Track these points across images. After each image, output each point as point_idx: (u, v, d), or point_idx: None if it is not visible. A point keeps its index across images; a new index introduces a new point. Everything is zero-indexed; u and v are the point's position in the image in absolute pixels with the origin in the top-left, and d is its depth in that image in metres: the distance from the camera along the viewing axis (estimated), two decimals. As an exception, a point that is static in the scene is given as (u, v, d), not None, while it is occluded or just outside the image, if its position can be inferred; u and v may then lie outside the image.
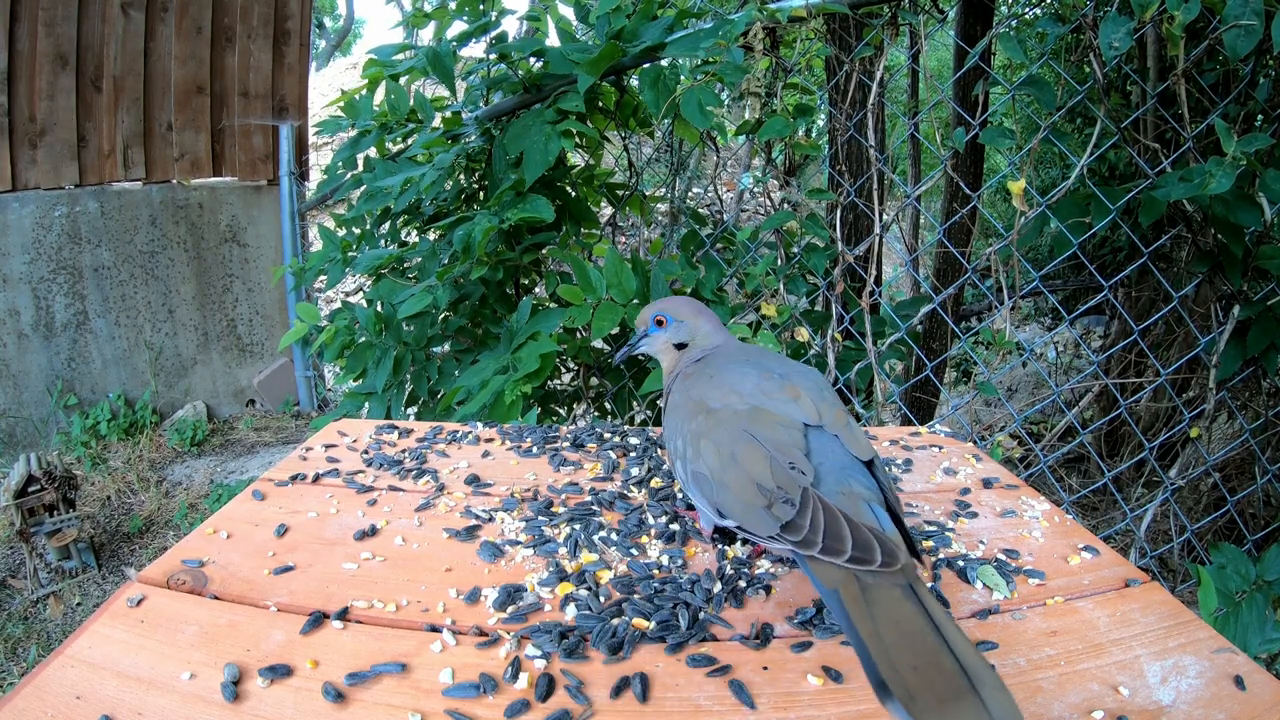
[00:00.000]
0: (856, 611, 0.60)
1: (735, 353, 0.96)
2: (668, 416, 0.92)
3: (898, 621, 0.59)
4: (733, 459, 0.76)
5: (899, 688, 0.54)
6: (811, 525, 0.67)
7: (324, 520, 0.94)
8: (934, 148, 2.43)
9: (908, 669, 0.55)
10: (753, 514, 0.72)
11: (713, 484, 0.77)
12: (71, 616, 2.87)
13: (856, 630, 0.59)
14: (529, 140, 2.00)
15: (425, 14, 2.35)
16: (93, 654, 0.68)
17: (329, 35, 15.98)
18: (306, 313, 2.26)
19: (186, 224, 4.36)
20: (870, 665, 0.56)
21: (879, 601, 0.61)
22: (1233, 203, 1.60)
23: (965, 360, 4.09)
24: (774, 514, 0.70)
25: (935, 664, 0.55)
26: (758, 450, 0.75)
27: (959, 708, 0.52)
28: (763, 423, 0.78)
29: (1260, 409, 2.16)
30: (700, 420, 0.83)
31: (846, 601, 0.62)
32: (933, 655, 0.56)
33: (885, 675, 0.55)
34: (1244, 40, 1.43)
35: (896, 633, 0.58)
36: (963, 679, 0.54)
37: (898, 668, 0.55)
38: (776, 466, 0.74)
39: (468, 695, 0.63)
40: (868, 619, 0.59)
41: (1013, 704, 0.53)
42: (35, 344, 4.08)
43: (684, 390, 0.90)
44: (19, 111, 3.79)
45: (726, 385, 0.85)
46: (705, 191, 5.48)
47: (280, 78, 4.43)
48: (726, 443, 0.78)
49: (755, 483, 0.73)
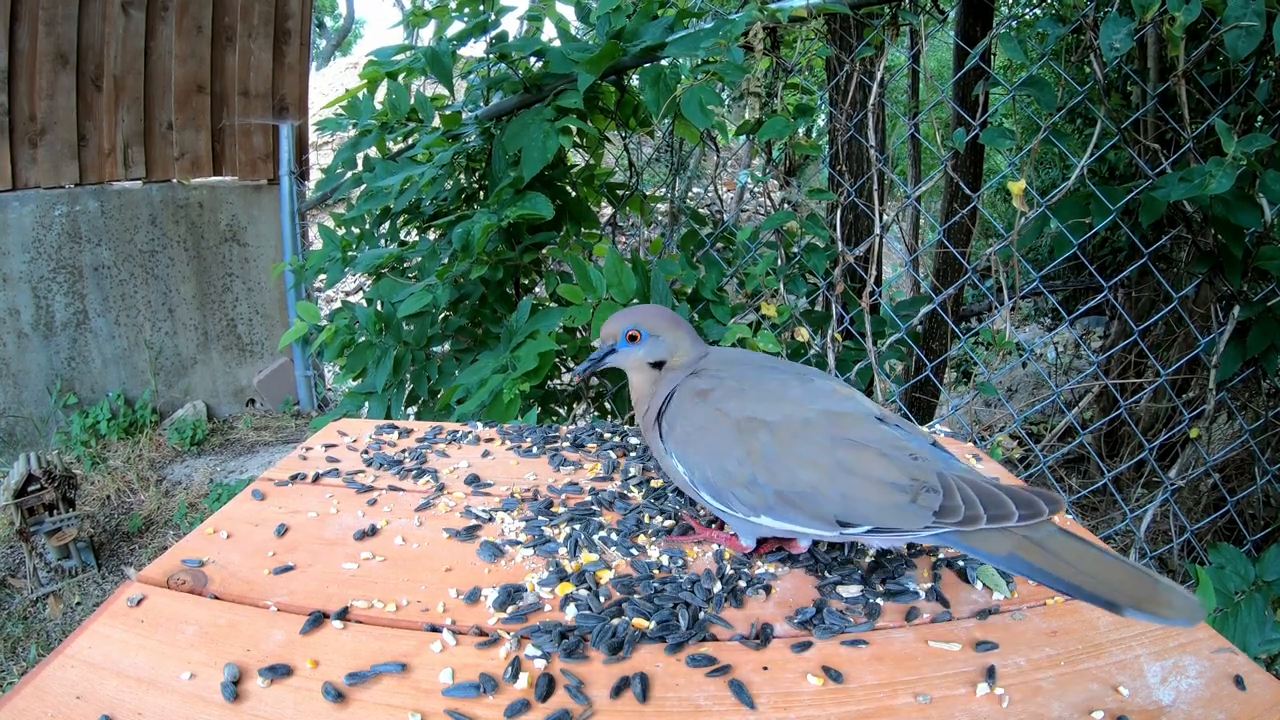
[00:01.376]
0: (1047, 562, 0.67)
1: (736, 360, 0.91)
2: (685, 445, 0.83)
3: (1080, 556, 0.67)
4: (841, 467, 0.74)
5: (1124, 599, 0.64)
6: (966, 503, 0.70)
7: (324, 520, 0.94)
8: (934, 148, 2.43)
9: (1118, 585, 0.65)
10: (895, 512, 0.72)
11: (821, 498, 0.74)
12: (71, 616, 2.87)
13: (1057, 575, 0.67)
14: (527, 137, 2.00)
15: (425, 13, 2.35)
16: (93, 654, 0.68)
17: (329, 35, 15.98)
18: (306, 312, 2.26)
19: (186, 223, 4.35)
20: (1090, 596, 0.65)
21: (1054, 548, 0.68)
22: (1233, 203, 1.60)
23: (965, 360, 4.09)
24: (921, 504, 0.71)
25: (1126, 574, 0.65)
26: (867, 452, 0.74)
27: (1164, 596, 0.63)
28: (848, 425, 0.77)
29: (1260, 409, 2.16)
30: (764, 438, 0.78)
31: (1031, 559, 0.68)
32: (1120, 569, 0.66)
33: (1110, 597, 0.64)
34: (1245, 41, 1.43)
35: (1088, 564, 0.66)
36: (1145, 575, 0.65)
37: (1112, 586, 0.65)
38: (900, 462, 0.73)
39: (468, 695, 0.63)
40: (1061, 563, 0.67)
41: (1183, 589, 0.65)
42: (35, 343, 4.08)
43: (706, 410, 0.82)
44: (19, 110, 3.79)
45: (772, 395, 0.81)
46: (705, 191, 5.48)
47: (280, 77, 4.43)
48: (823, 453, 0.75)
49: (887, 483, 0.73)
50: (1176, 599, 0.63)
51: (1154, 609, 0.63)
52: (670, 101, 1.90)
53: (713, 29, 1.90)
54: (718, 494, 0.80)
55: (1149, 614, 0.63)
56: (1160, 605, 0.63)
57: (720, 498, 0.80)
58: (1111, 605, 0.64)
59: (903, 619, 0.75)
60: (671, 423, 0.85)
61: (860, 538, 0.75)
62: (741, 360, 0.91)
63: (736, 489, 0.79)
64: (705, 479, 0.81)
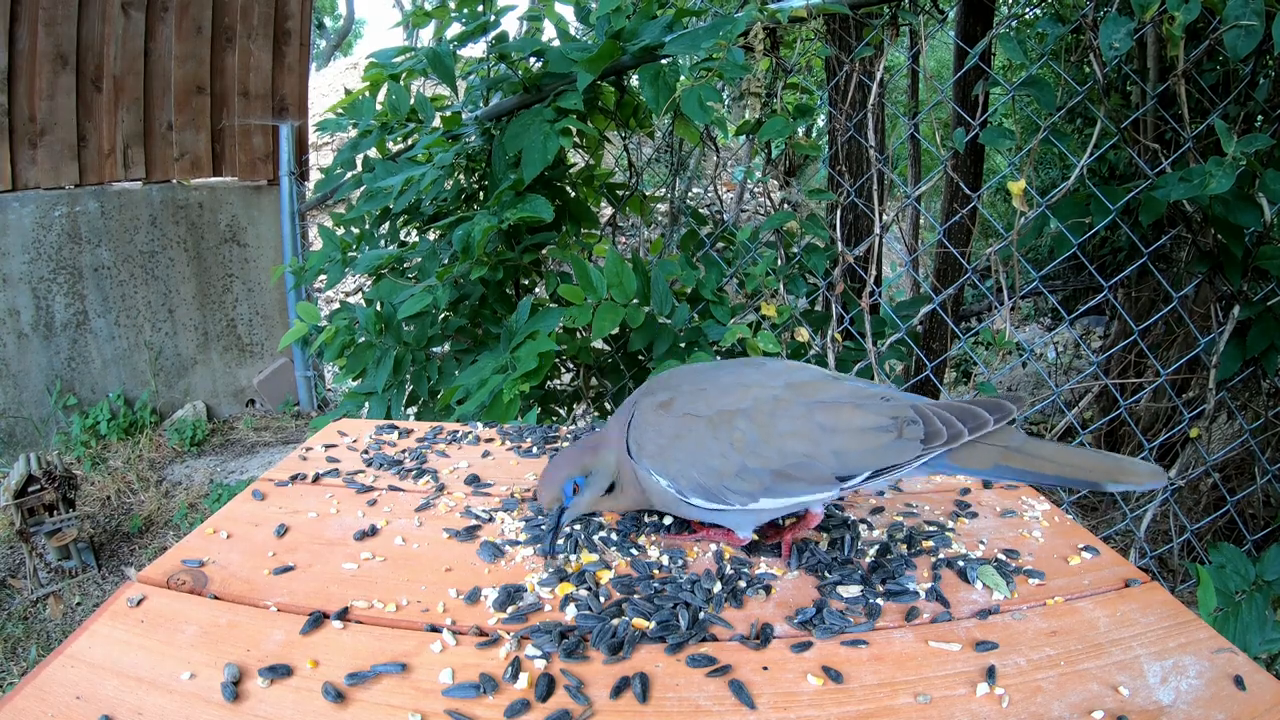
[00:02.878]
0: (1029, 463, 0.75)
1: (679, 373, 0.89)
2: (660, 457, 0.81)
3: (1055, 452, 0.76)
4: (824, 429, 0.77)
5: (1104, 478, 0.73)
6: (946, 424, 0.76)
7: (324, 520, 0.94)
8: (934, 148, 2.43)
9: (1094, 468, 0.74)
10: (887, 451, 0.76)
11: (817, 463, 0.77)
12: (71, 616, 2.87)
13: (1042, 473, 0.75)
14: (527, 139, 2.00)
15: (425, 13, 2.35)
16: (93, 654, 0.68)
17: (329, 35, 15.98)
18: (306, 313, 2.26)
19: (186, 224, 4.35)
20: (1075, 482, 0.75)
21: (1031, 450, 0.76)
22: (1233, 203, 1.60)
23: (965, 360, 4.09)
24: (908, 436, 0.76)
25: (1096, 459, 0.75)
26: (843, 408, 0.78)
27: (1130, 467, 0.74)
28: (814, 390, 0.80)
29: (1260, 409, 2.16)
30: (744, 425, 0.78)
31: (1015, 465, 0.76)
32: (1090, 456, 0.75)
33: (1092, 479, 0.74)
34: (1244, 40, 1.43)
35: (1064, 457, 0.75)
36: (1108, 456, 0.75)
37: (1090, 470, 0.74)
38: (875, 407, 0.78)
39: (468, 695, 0.63)
40: (1042, 461, 0.75)
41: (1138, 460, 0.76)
42: (35, 344, 4.08)
43: (673, 419, 0.81)
44: (19, 111, 3.79)
45: (734, 386, 0.82)
46: (705, 191, 5.48)
47: (280, 78, 4.43)
48: (804, 423, 0.77)
49: (870, 429, 0.77)
50: (1141, 468, 0.74)
51: (1128, 479, 0.73)
52: (670, 102, 1.90)
53: (712, 28, 1.90)
54: (710, 494, 0.80)
55: (1126, 484, 0.73)
56: (1130, 475, 0.73)
57: (714, 497, 0.80)
58: (1096, 486, 0.74)
59: (903, 619, 0.75)
60: (640, 442, 0.83)
61: (862, 486, 0.78)
62: (685, 371, 0.90)
63: (728, 481, 0.79)
64: (694, 483, 0.80)
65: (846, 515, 0.95)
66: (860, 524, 0.93)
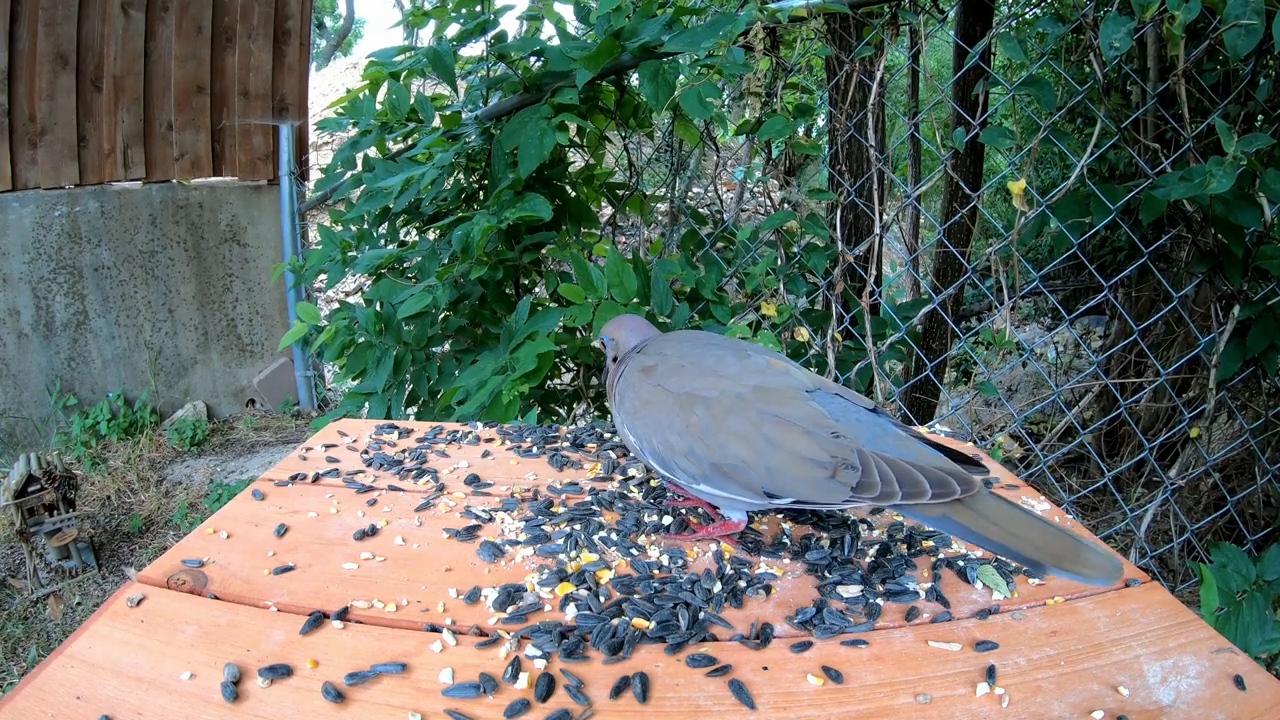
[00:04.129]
0: (976, 524, 0.73)
1: (679, 338, 0.97)
2: (633, 417, 0.90)
3: (1008, 519, 0.73)
4: (768, 442, 0.79)
5: (1047, 558, 0.70)
6: (883, 480, 0.75)
7: (324, 520, 0.94)
8: (934, 148, 2.43)
9: (1041, 545, 0.70)
10: (816, 487, 0.76)
11: (751, 470, 0.79)
12: (71, 616, 2.87)
13: (986, 536, 0.72)
14: (524, 135, 2.00)
15: (424, 13, 2.35)
16: (93, 654, 0.68)
17: (329, 35, 15.98)
18: (306, 312, 2.26)
19: (186, 224, 4.35)
20: (1017, 554, 0.71)
21: (984, 511, 0.74)
22: (1233, 203, 1.60)
23: (965, 360, 4.09)
24: (841, 480, 0.75)
25: (1051, 536, 0.71)
26: (793, 429, 0.78)
27: (1085, 556, 0.70)
28: (778, 401, 0.81)
29: (1260, 409, 2.16)
30: (701, 413, 0.83)
31: (962, 521, 0.74)
32: (1045, 532, 0.71)
33: (1033, 556, 0.70)
34: (1244, 40, 1.43)
35: (1015, 526, 0.72)
36: (1071, 538, 0.71)
37: (1036, 546, 0.71)
38: (821, 438, 0.78)
39: (468, 695, 0.63)
40: (990, 525, 0.73)
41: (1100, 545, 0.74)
42: (35, 344, 4.08)
43: (650, 386, 0.88)
44: (19, 111, 3.79)
45: (709, 371, 0.86)
46: (705, 191, 5.47)
47: (280, 77, 4.42)
48: (752, 428, 0.80)
49: (808, 459, 0.77)
50: (1097, 559, 0.69)
51: (1074, 568, 0.69)
52: (670, 101, 1.90)
53: (712, 25, 1.90)
54: (664, 463, 0.86)
55: (1070, 572, 0.69)
56: (1081, 564, 0.69)
57: (666, 466, 0.86)
58: (1035, 564, 0.70)
59: (903, 619, 0.75)
60: (623, 396, 0.92)
61: (786, 508, 0.80)
62: (684, 338, 0.97)
63: (678, 459, 0.84)
64: (652, 449, 0.87)
65: (847, 515, 0.95)
66: (860, 524, 0.93)
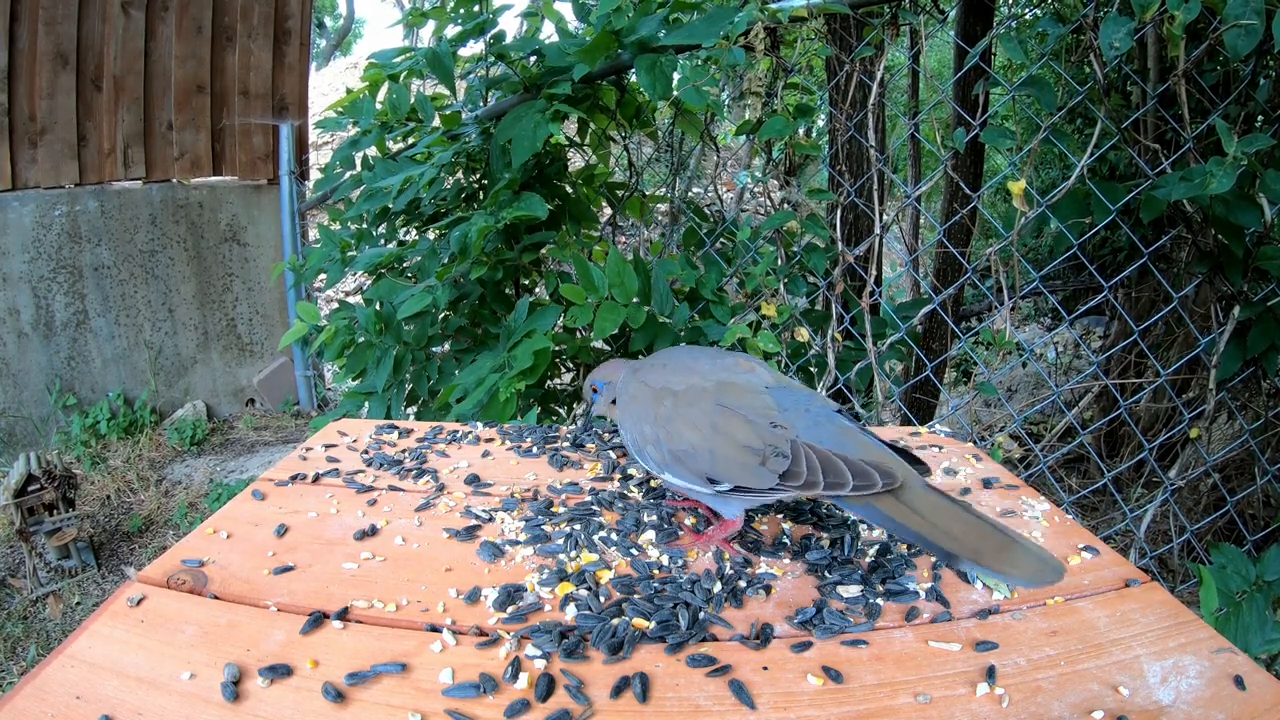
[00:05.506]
0: (899, 514, 0.73)
1: (670, 350, 1.03)
2: (624, 413, 0.96)
3: (935, 511, 0.72)
4: (714, 429, 0.83)
5: (964, 550, 0.68)
6: (809, 469, 0.77)
7: (324, 520, 0.94)
8: (934, 148, 2.43)
9: (962, 537, 0.69)
10: (749, 472, 0.80)
11: (699, 456, 0.83)
12: (71, 616, 2.87)
13: (907, 527, 0.72)
14: (518, 129, 2.00)
15: (422, 13, 2.35)
16: (93, 654, 0.68)
17: (329, 35, 15.99)
18: (306, 312, 2.26)
19: (186, 223, 4.35)
20: (932, 545, 0.70)
21: (910, 502, 0.74)
22: (1233, 203, 1.60)
23: (965, 360, 4.09)
24: (769, 468, 0.78)
25: (979, 530, 0.70)
26: (736, 418, 0.83)
27: (1012, 552, 0.68)
28: (732, 393, 0.85)
29: (1260, 409, 2.16)
30: (668, 404, 0.88)
31: (885, 510, 0.74)
32: (975, 525, 0.71)
33: (949, 547, 0.69)
34: (1244, 40, 1.43)
35: (941, 517, 0.72)
36: (1004, 535, 0.69)
37: (956, 537, 0.70)
38: (759, 427, 0.81)
39: (468, 695, 0.63)
40: (913, 516, 0.73)
41: (1043, 550, 0.69)
42: (35, 343, 4.08)
43: (636, 383, 0.95)
44: (19, 110, 3.79)
45: (685, 368, 0.91)
46: (705, 191, 5.47)
47: (280, 77, 4.42)
48: (703, 418, 0.84)
49: (744, 445, 0.81)
50: (1026, 559, 0.67)
51: (993, 564, 0.67)
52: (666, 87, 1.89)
53: (709, 20, 1.89)
54: (639, 451, 0.91)
55: (987, 569, 0.67)
56: (1003, 563, 0.67)
57: (640, 455, 0.91)
58: (949, 556, 0.69)
59: (903, 619, 0.75)
60: (619, 396, 1.00)
61: (728, 495, 0.82)
62: (672, 350, 1.04)
63: (648, 448, 0.89)
64: (632, 439, 0.92)
65: (847, 515, 0.95)
66: (860, 524, 0.93)
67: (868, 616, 0.75)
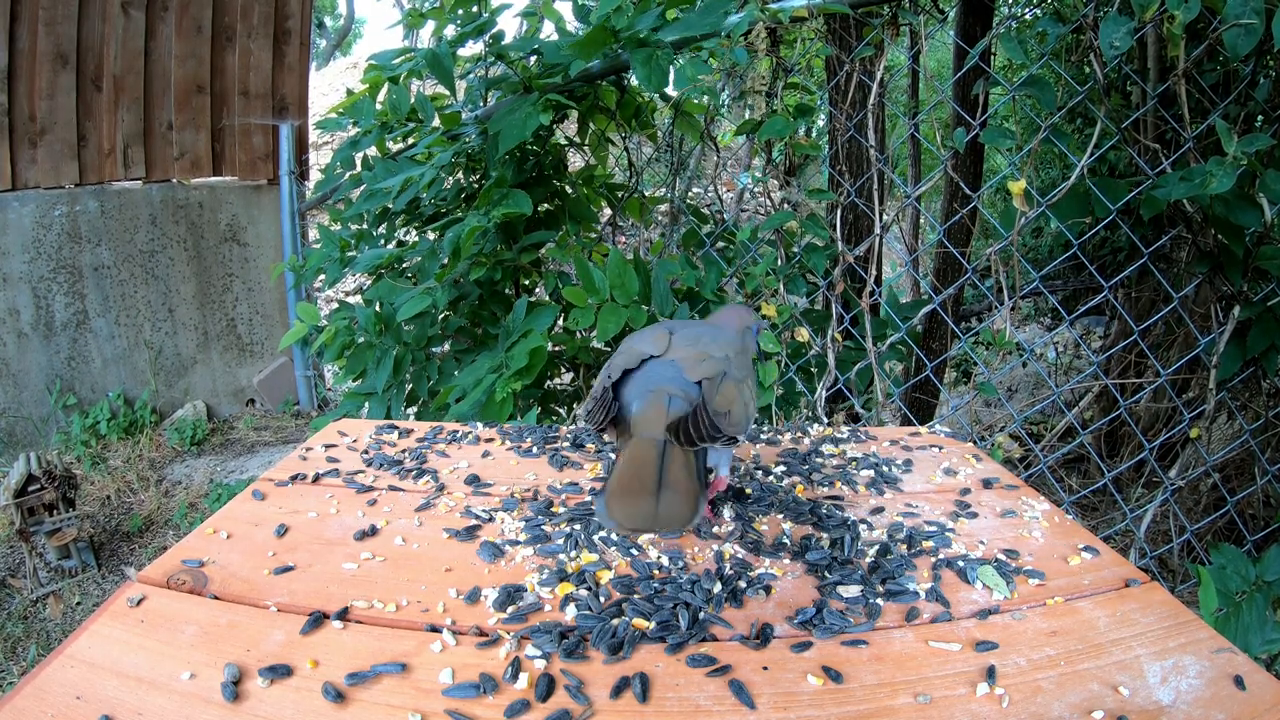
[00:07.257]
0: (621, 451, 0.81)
1: None
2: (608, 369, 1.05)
3: (638, 456, 0.79)
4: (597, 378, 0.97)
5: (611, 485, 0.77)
6: (590, 410, 0.90)
7: (324, 520, 0.94)
8: (934, 148, 2.43)
9: (624, 479, 0.77)
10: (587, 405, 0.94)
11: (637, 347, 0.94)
12: (71, 616, 2.87)
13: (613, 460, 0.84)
14: (509, 119, 2.00)
15: (421, 14, 2.35)
16: (93, 654, 0.68)
17: (329, 35, 15.99)
18: (306, 312, 2.26)
19: (186, 223, 4.35)
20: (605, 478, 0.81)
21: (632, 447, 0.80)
22: (1233, 203, 1.60)
23: (965, 360, 4.09)
24: (587, 405, 0.93)
25: (641, 478, 0.76)
26: (602, 373, 0.94)
27: (633, 499, 0.75)
28: (619, 355, 0.94)
29: (1260, 409, 2.16)
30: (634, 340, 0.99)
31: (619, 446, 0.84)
32: (646, 473, 0.77)
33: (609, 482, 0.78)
34: (1244, 40, 1.43)
35: (634, 462, 0.78)
36: (654, 487, 0.75)
37: (619, 477, 0.77)
38: (603, 378, 0.93)
39: (468, 695, 0.63)
40: (623, 453, 0.80)
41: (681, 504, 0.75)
42: (35, 343, 4.08)
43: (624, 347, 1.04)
44: (19, 110, 3.78)
45: (658, 328, 1.00)
46: (705, 191, 5.47)
47: (280, 77, 4.42)
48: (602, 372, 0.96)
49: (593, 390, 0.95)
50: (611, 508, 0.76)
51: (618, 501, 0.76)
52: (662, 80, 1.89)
53: (704, 11, 1.89)
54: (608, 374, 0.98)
55: None
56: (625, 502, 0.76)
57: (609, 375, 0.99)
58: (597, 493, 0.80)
59: (903, 619, 0.75)
60: None
61: None
62: None
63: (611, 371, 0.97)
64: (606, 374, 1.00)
65: (846, 515, 0.95)
66: (860, 524, 0.93)
67: (868, 616, 0.75)
